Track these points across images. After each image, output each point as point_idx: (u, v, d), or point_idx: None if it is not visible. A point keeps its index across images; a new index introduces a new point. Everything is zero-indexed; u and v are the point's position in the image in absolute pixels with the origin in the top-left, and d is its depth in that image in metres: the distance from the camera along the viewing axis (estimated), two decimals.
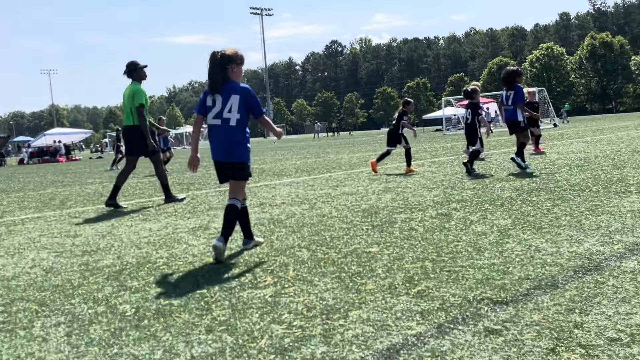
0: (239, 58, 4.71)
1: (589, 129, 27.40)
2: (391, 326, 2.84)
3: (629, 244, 4.09)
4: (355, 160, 16.29)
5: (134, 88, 8.41)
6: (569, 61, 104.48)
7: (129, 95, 8.42)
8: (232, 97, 4.60)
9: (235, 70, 4.69)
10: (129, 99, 8.40)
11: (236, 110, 4.60)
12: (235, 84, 4.66)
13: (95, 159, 42.32)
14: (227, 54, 4.64)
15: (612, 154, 11.47)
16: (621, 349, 2.38)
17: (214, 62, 4.60)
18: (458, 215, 5.76)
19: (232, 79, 4.67)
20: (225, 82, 4.62)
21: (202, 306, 3.37)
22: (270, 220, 6.26)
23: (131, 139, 8.55)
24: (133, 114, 8.36)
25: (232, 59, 4.65)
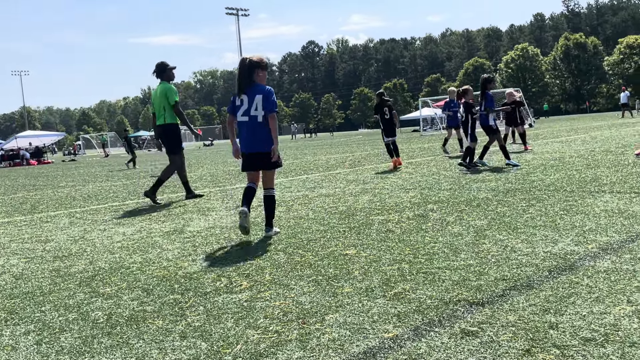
0: (264, 64, 5.47)
1: (564, 129, 27.79)
2: (368, 329, 2.82)
3: (602, 243, 4.13)
4: (333, 161, 16.29)
5: (165, 87, 8.75)
6: (544, 62, 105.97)
7: (160, 94, 8.74)
8: (257, 97, 5.31)
9: (260, 74, 5.42)
10: (160, 98, 8.73)
11: (261, 108, 5.31)
12: (259, 85, 5.38)
13: (69, 161, 41.71)
14: (254, 60, 5.38)
15: (586, 154, 11.63)
16: (595, 349, 2.39)
17: (243, 67, 5.33)
18: (435, 216, 5.77)
19: (257, 82, 5.39)
20: (251, 84, 5.33)
21: (176, 312, 3.31)
22: None
23: (165, 137, 8.89)
24: (165, 112, 8.72)
25: (258, 65, 5.39)
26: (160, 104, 8.75)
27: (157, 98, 8.82)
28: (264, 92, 5.33)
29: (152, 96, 9.00)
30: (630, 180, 7.20)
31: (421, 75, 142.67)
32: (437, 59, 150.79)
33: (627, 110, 40.18)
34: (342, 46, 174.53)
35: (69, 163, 37.71)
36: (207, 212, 7.36)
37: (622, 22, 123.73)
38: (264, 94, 5.31)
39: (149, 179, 14.35)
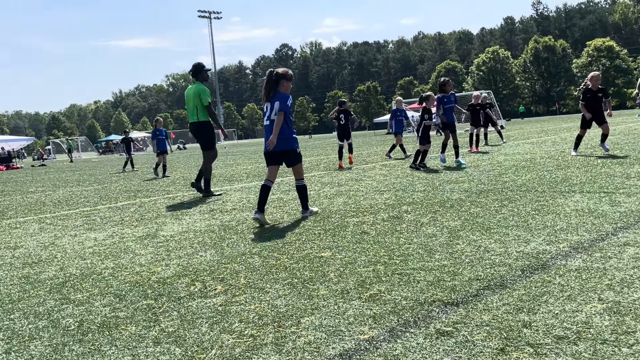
0: (289, 75, 6.27)
1: (534, 130, 28.22)
2: (343, 331, 2.82)
3: (573, 242, 4.19)
4: (307, 164, 16.28)
5: (200, 88, 9.29)
6: (514, 64, 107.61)
7: (194, 94, 9.26)
8: (275, 103, 6.10)
9: (285, 84, 6.20)
10: (194, 98, 9.25)
11: (278, 112, 6.06)
12: (280, 94, 6.13)
13: (38, 166, 40.94)
14: (280, 73, 6.18)
15: (556, 155, 11.82)
16: (568, 347, 2.42)
17: (270, 78, 6.14)
18: (409, 217, 5.80)
19: (282, 91, 6.17)
20: (275, 93, 6.12)
21: (150, 317, 3.26)
22: (220, 227, 6.16)
23: (198, 134, 9.42)
24: (198, 111, 9.25)
25: (284, 76, 6.19)
26: (194, 103, 9.27)
27: (191, 97, 9.33)
28: (281, 97, 6.09)
29: (186, 95, 9.50)
30: (600, 180, 7.33)
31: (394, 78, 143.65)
32: (409, 62, 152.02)
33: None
34: (315, 49, 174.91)
35: (39, 168, 37.02)
36: (181, 216, 7.29)
37: (589, 26, 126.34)
38: (280, 100, 6.07)
39: (120, 184, 14.15)
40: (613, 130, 20.70)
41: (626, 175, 7.52)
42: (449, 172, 10.01)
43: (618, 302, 2.89)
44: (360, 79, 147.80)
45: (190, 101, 9.35)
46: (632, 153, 10.66)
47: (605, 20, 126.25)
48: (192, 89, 9.39)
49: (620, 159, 9.81)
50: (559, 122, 42.10)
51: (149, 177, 16.32)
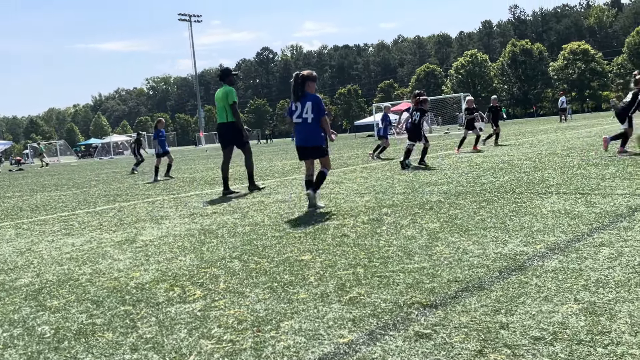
0: (313, 76, 7.02)
1: (512, 132, 28.52)
2: (323, 335, 2.81)
3: (550, 243, 4.24)
4: (289, 167, 16.27)
5: (227, 89, 9.75)
6: (492, 67, 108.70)
7: (222, 95, 9.74)
8: (307, 103, 6.88)
9: (310, 85, 6.98)
10: (223, 99, 9.72)
11: (310, 111, 6.87)
12: (309, 94, 6.94)
13: (16, 171, 40.34)
14: (305, 75, 6.97)
15: (533, 157, 11.96)
16: (544, 348, 2.45)
17: (297, 80, 6.93)
18: (389, 220, 5.82)
19: (308, 91, 6.95)
20: (303, 93, 6.90)
21: (127, 324, 3.23)
22: (200, 231, 6.12)
23: (225, 133, 9.82)
24: (227, 111, 9.68)
25: (309, 78, 6.97)
26: (222, 104, 9.74)
27: (220, 99, 9.80)
28: (314, 99, 6.89)
29: (215, 97, 10.00)
30: (576, 181, 7.44)
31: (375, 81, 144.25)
32: (389, 65, 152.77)
33: (564, 115, 41.59)
34: (296, 52, 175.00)
35: (16, 173, 36.49)
36: (161, 220, 7.23)
37: (565, 29, 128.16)
38: (313, 102, 6.87)
39: (99, 188, 14.00)
40: (588, 132, 21.02)
41: (601, 177, 7.64)
42: (429, 175, 10.08)
43: (593, 303, 2.92)
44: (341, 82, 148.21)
45: (220, 102, 9.79)
46: (606, 154, 10.83)
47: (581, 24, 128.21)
48: (221, 91, 9.84)
49: (595, 160, 9.96)
50: (536, 124, 42.61)
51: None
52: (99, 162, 43.96)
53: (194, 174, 16.72)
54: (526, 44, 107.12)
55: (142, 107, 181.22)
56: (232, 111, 9.68)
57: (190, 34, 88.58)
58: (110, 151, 64.71)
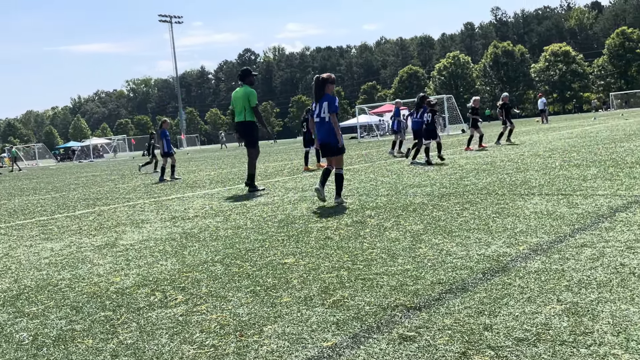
0: (332, 79, 7.49)
1: (494, 134, 28.71)
2: (306, 339, 2.79)
3: (532, 244, 4.26)
4: (271, 170, 16.22)
5: (248, 90, 10.06)
6: (474, 69, 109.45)
7: (242, 96, 10.03)
8: (323, 104, 7.37)
9: (330, 87, 7.44)
10: (243, 99, 10.01)
11: (326, 110, 7.33)
12: (327, 95, 7.39)
13: None
14: (325, 77, 7.44)
15: (515, 158, 12.05)
16: (528, 349, 2.45)
17: (318, 83, 7.41)
18: (372, 222, 5.82)
19: (327, 92, 7.42)
20: (323, 95, 7.37)
21: (108, 330, 3.18)
22: (182, 235, 6.06)
23: (241, 132, 10.21)
24: (246, 111, 10.01)
25: (328, 80, 7.43)
26: (242, 104, 10.03)
27: (240, 99, 10.08)
28: (329, 99, 7.32)
29: (234, 96, 10.28)
30: (558, 182, 7.49)
31: (358, 83, 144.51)
32: (372, 67, 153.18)
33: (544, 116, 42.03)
34: (278, 54, 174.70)
35: None
36: (141, 224, 7.15)
37: (546, 31, 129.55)
38: (328, 101, 7.30)
39: (79, 192, 13.83)
40: (570, 133, 21.24)
41: (583, 178, 7.70)
42: (412, 176, 10.10)
43: (576, 303, 2.93)
44: None
45: (239, 102, 10.08)
46: (588, 155, 10.94)
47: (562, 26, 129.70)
48: (241, 91, 10.11)
49: (577, 161, 10.05)
50: (518, 125, 42.98)
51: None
52: (78, 166, 43.49)
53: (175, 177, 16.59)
54: (508, 45, 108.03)
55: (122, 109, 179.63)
56: (255, 113, 10.10)
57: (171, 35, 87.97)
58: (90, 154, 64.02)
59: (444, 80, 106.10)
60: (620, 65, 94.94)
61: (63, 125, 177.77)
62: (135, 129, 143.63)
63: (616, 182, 7.06)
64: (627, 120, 28.85)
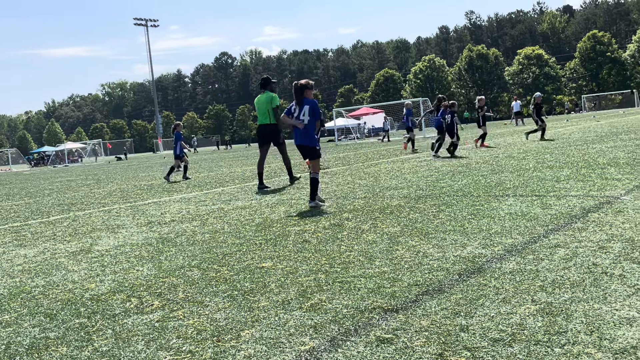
0: (310, 85, 7.78)
1: (470, 136, 29.01)
2: (284, 343, 2.78)
3: (507, 245, 4.31)
4: (249, 173, 16.17)
5: (270, 95, 10.99)
6: (450, 72, 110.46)
7: (265, 100, 11.00)
8: (305, 107, 7.62)
9: (307, 92, 7.71)
10: (266, 104, 10.98)
11: (308, 115, 7.60)
12: (307, 99, 7.68)
13: None
14: (302, 83, 7.73)
15: (490, 160, 12.19)
16: (503, 349, 2.48)
17: (297, 88, 7.72)
18: (350, 225, 5.83)
19: (306, 97, 7.68)
20: (303, 98, 7.66)
21: (82, 337, 3.13)
22: (158, 240, 6.01)
23: (266, 133, 11.09)
24: (270, 114, 10.93)
25: (306, 86, 7.72)
26: (265, 108, 10.98)
27: (263, 103, 11.03)
28: (311, 104, 7.64)
29: (256, 102, 11.23)
30: (532, 183, 7.60)
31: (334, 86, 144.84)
32: (349, 70, 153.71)
33: (519, 119, 42.61)
34: (255, 57, 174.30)
35: None
36: (117, 229, 7.07)
37: (520, 35, 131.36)
38: (311, 106, 7.63)
39: (53, 197, 13.63)
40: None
41: (556, 179, 7.82)
42: (389, 179, 10.15)
43: (550, 303, 2.98)
44: None
45: (263, 106, 11.02)
46: (561, 157, 11.12)
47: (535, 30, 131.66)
48: (264, 97, 11.05)
49: (550, 162, 10.21)
50: (493, 128, 43.46)
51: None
52: (53, 171, 42.84)
53: (151, 181, 16.44)
54: (482, 49, 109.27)
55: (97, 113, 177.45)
56: (274, 114, 10.91)
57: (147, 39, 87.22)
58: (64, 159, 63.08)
59: (419, 83, 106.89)
60: (591, 68, 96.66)
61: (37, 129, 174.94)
62: (111, 133, 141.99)
63: (588, 183, 7.18)
64: (598, 122, 29.39)
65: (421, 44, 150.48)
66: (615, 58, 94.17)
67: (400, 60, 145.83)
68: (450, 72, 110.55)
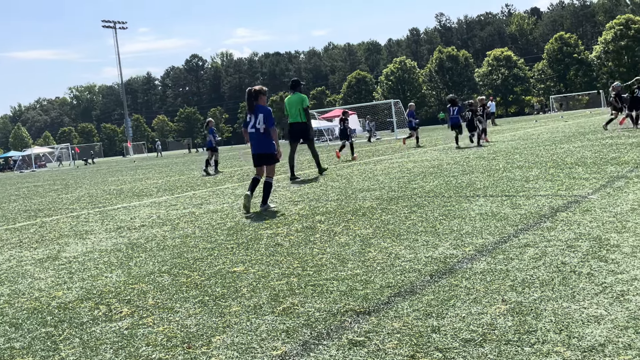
0: (264, 91, 7.86)
1: (440, 137, 29.28)
2: (256, 348, 2.75)
3: (478, 245, 4.35)
4: (220, 177, 16.05)
5: (301, 97, 12.01)
6: (421, 74, 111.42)
7: (296, 101, 11.98)
8: (259, 115, 7.63)
9: (262, 98, 7.78)
10: (297, 104, 11.97)
11: (262, 122, 7.61)
12: (261, 106, 7.71)
13: None
14: (256, 89, 7.76)
15: (461, 161, 12.31)
16: (474, 349, 2.49)
17: (250, 95, 7.72)
18: (322, 227, 5.82)
19: (260, 103, 7.73)
20: (255, 106, 7.68)
21: (49, 346, 3.06)
22: (128, 245, 5.91)
23: (297, 130, 12.17)
24: (300, 113, 11.95)
25: (260, 92, 7.78)
26: (296, 108, 11.99)
27: (294, 104, 12.02)
28: (265, 112, 7.64)
29: (288, 102, 12.18)
30: (502, 184, 7.69)
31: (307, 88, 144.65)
32: (321, 72, 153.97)
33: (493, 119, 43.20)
34: (227, 60, 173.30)
35: None
36: (85, 235, 6.94)
37: (489, 37, 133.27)
38: (264, 114, 7.62)
39: (20, 202, 13.33)
40: (512, 135, 21.86)
41: (525, 179, 7.93)
42: (361, 181, 10.18)
43: (520, 302, 3.01)
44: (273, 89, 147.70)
45: (294, 106, 12.02)
46: (530, 157, 11.28)
47: (503, 31, 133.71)
48: (294, 97, 12.05)
49: (519, 163, 10.35)
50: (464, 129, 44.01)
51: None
52: (19, 176, 41.93)
53: (121, 186, 16.21)
54: (452, 50, 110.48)
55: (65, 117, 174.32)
56: (306, 114, 12.01)
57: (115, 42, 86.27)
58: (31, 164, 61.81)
59: (391, 85, 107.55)
60: (559, 69, 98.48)
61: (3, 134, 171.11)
62: (80, 137, 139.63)
63: (557, 182, 7.30)
64: (566, 123, 29.94)
65: (392, 45, 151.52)
66: (582, 59, 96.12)
67: (372, 62, 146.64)
68: (422, 74, 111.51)
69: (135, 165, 38.11)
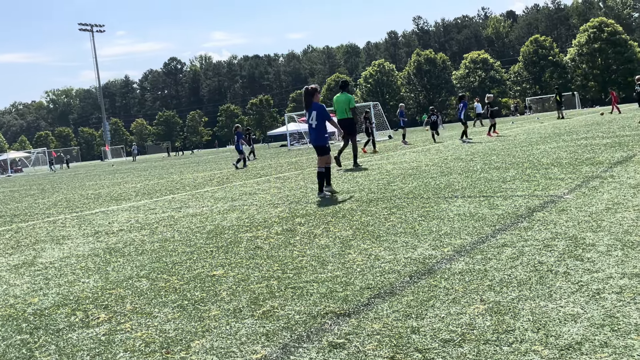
0: (318, 89, 8.86)
1: (419, 139, 29.47)
2: (236, 352, 2.74)
3: (456, 246, 4.38)
4: (200, 180, 15.95)
5: (349, 96, 13.77)
6: (399, 76, 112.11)
7: (344, 100, 13.72)
8: (313, 112, 8.66)
9: (316, 96, 8.77)
10: (344, 103, 13.69)
11: (315, 119, 8.64)
12: (316, 104, 8.70)
13: None
14: (313, 87, 8.82)
15: (440, 162, 12.39)
16: (454, 349, 2.50)
17: (307, 93, 8.74)
18: (302, 229, 5.81)
19: (315, 101, 8.72)
20: (312, 103, 8.68)
21: (24, 354, 3.00)
22: (105, 250, 5.84)
23: (344, 126, 13.56)
24: (347, 111, 13.69)
25: (315, 90, 8.80)
26: (344, 106, 13.70)
27: (342, 102, 13.74)
28: (318, 109, 8.64)
29: (335, 101, 13.94)
30: (479, 185, 7.76)
31: (286, 91, 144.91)
32: (300, 75, 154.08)
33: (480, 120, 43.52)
34: (205, 63, 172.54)
35: None
36: (62, 240, 6.84)
37: (465, 39, 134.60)
38: (317, 111, 8.63)
39: None
40: (489, 136, 22.08)
41: (502, 180, 8.01)
42: (341, 182, 10.19)
43: (498, 302, 3.03)
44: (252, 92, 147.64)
45: (342, 104, 13.72)
46: (507, 158, 11.40)
47: (480, 34, 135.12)
48: (342, 97, 13.81)
49: (497, 164, 10.45)
50: (441, 131, 44.28)
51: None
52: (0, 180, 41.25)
53: (99, 190, 16.02)
54: (430, 53, 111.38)
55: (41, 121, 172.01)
56: (353, 112, 13.83)
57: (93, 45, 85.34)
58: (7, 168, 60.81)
59: (370, 87, 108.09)
60: (534, 71, 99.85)
61: None
62: (57, 142, 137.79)
63: (533, 183, 7.38)
64: (542, 124, 30.32)
65: (371, 48, 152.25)
66: (557, 62, 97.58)
67: (351, 65, 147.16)
68: (400, 77, 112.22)
69: (113, 169, 37.72)
